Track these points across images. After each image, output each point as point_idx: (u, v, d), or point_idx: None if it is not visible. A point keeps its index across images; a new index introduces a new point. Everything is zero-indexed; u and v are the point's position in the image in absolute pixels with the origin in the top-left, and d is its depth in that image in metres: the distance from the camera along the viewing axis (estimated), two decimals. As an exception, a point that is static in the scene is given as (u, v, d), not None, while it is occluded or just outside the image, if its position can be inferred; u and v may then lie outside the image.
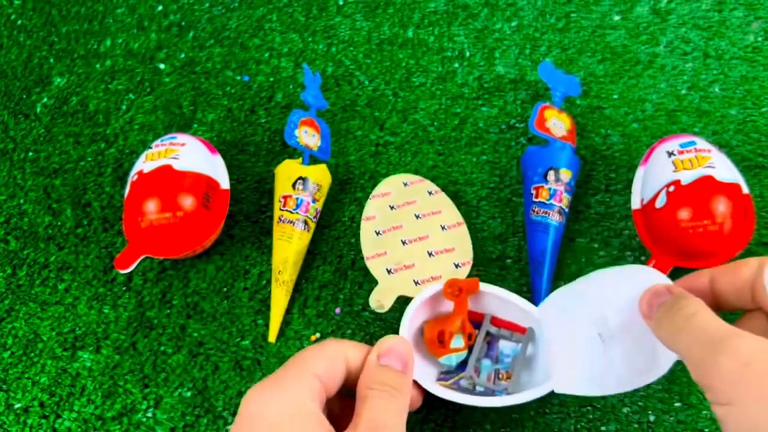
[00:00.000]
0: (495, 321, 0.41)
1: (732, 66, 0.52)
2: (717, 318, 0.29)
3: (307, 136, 0.47)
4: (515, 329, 0.40)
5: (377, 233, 0.44)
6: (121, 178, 0.51)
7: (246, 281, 0.47)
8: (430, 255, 0.43)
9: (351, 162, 0.51)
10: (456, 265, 0.43)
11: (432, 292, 0.40)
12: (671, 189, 0.41)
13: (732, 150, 0.48)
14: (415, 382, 0.37)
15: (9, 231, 0.50)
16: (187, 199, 0.43)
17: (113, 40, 0.58)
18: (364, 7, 0.58)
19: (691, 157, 0.42)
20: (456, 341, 0.39)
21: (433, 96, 0.53)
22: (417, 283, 0.42)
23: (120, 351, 0.45)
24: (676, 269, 0.42)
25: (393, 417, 0.31)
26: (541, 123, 0.46)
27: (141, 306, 0.46)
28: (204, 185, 0.45)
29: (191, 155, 0.46)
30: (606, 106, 0.51)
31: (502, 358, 0.40)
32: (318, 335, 0.45)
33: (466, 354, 0.39)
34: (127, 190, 0.45)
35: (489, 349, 0.41)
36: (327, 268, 0.47)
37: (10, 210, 0.51)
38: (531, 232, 0.45)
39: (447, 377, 0.39)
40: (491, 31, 0.56)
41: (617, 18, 0.55)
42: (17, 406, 0.44)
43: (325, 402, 0.32)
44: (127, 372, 0.44)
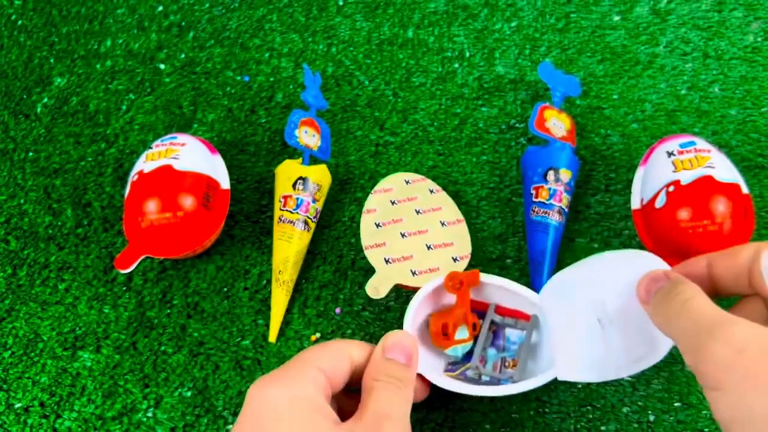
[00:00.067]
0: (499, 309, 0.41)
1: (732, 66, 0.52)
2: (712, 304, 0.29)
3: (307, 136, 0.48)
4: (520, 317, 0.41)
5: (377, 225, 0.45)
6: (122, 178, 0.51)
7: (246, 281, 0.47)
8: (428, 248, 0.43)
9: (351, 162, 0.51)
10: (454, 259, 0.43)
11: (434, 286, 0.41)
12: (671, 189, 0.41)
13: (732, 150, 0.48)
14: (421, 375, 0.37)
15: (9, 231, 0.50)
16: (188, 199, 0.44)
17: (114, 40, 0.58)
18: (364, 8, 0.58)
19: (691, 158, 0.42)
20: (460, 332, 0.39)
21: (433, 96, 0.53)
22: (414, 274, 0.42)
23: (120, 351, 0.45)
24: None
25: (398, 407, 0.31)
26: (541, 123, 0.46)
27: (141, 306, 0.46)
28: (204, 185, 0.45)
29: (191, 155, 0.46)
30: (606, 106, 0.51)
31: (508, 345, 0.41)
32: (318, 335, 0.45)
33: (471, 344, 0.40)
34: (128, 190, 0.45)
35: (495, 338, 0.41)
36: (327, 268, 0.47)
37: (10, 210, 0.51)
38: (531, 232, 0.45)
39: (454, 368, 0.40)
40: (491, 32, 0.56)
41: (617, 18, 0.55)
42: (18, 405, 0.44)
43: (332, 397, 0.32)
44: (128, 372, 0.44)
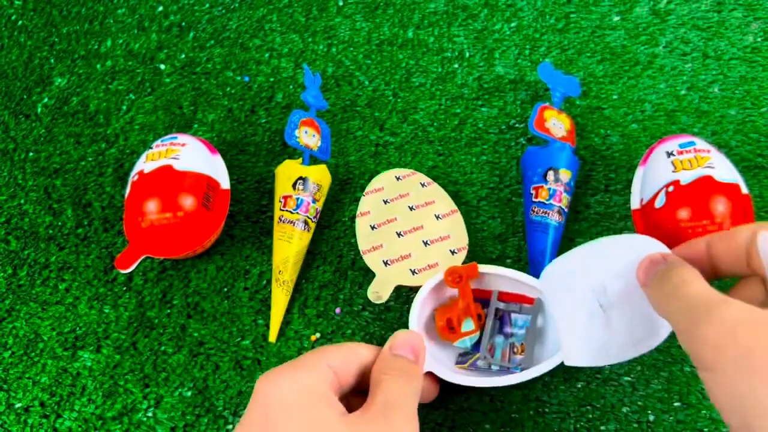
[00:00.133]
0: (502, 296, 0.42)
1: (731, 66, 0.52)
2: (706, 286, 0.29)
3: (307, 136, 0.48)
4: (523, 301, 0.41)
5: (372, 227, 0.45)
6: (122, 178, 0.51)
7: (246, 281, 0.47)
8: (425, 244, 0.44)
9: (351, 162, 0.51)
10: (452, 252, 0.43)
11: (434, 283, 0.41)
12: (670, 189, 0.41)
13: (731, 150, 0.48)
14: (430, 375, 0.38)
15: (10, 231, 0.50)
16: (188, 199, 0.44)
17: (114, 40, 0.58)
18: (364, 8, 0.58)
19: (691, 158, 0.42)
20: (466, 325, 0.39)
21: (433, 96, 0.53)
22: (414, 273, 0.42)
23: (120, 351, 0.45)
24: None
25: (405, 399, 0.32)
26: (541, 123, 0.46)
27: (141, 306, 0.46)
28: (204, 185, 0.45)
29: (192, 155, 0.46)
30: (605, 106, 0.51)
31: (515, 330, 0.41)
32: (318, 335, 0.45)
33: (478, 335, 0.40)
34: (128, 190, 0.45)
35: (501, 325, 0.42)
36: (327, 268, 0.47)
37: (10, 210, 0.51)
38: (531, 232, 0.45)
39: (464, 359, 0.40)
40: (491, 32, 0.56)
41: (617, 18, 0.55)
42: (18, 405, 0.44)
43: (340, 397, 0.32)
44: (128, 372, 0.44)
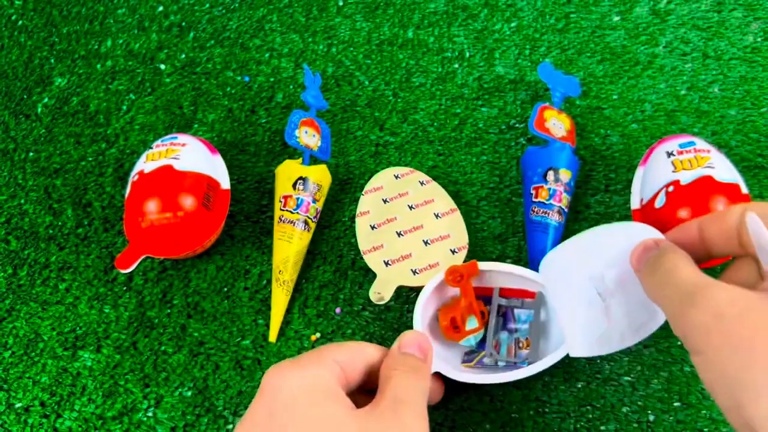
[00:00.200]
0: (503, 292, 0.42)
1: (731, 66, 0.52)
2: (694, 270, 0.29)
3: (308, 136, 0.48)
4: (525, 295, 0.41)
5: (372, 227, 0.45)
6: (122, 178, 0.51)
7: (246, 281, 0.47)
8: (426, 244, 0.44)
9: (351, 162, 0.51)
10: (452, 251, 0.43)
11: (435, 283, 0.41)
12: (670, 189, 0.41)
13: (731, 150, 0.48)
14: (436, 376, 0.38)
15: (10, 231, 0.50)
16: (188, 199, 0.44)
17: (114, 40, 0.58)
18: (364, 8, 0.58)
19: (691, 158, 0.42)
20: (470, 323, 0.40)
21: (433, 96, 0.53)
22: (415, 273, 0.42)
23: (121, 350, 0.45)
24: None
25: (415, 395, 0.31)
26: (541, 123, 0.46)
27: (142, 306, 0.46)
28: (204, 185, 0.45)
29: (192, 155, 0.46)
30: (605, 106, 0.51)
31: (519, 325, 0.41)
32: (318, 335, 0.45)
33: (483, 332, 0.40)
34: (128, 190, 0.45)
35: (505, 321, 0.42)
36: (327, 268, 0.47)
37: (11, 210, 0.51)
38: (531, 232, 0.45)
39: (470, 358, 0.40)
40: (491, 32, 0.56)
41: (617, 18, 0.55)
42: (18, 405, 0.44)
43: (347, 392, 0.32)
44: (128, 371, 0.44)
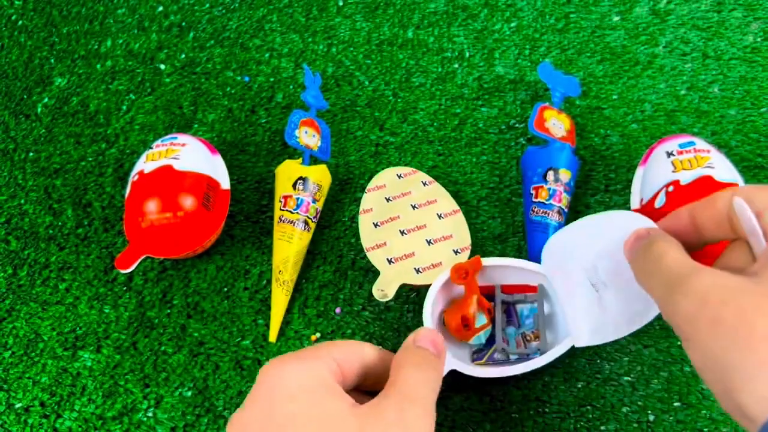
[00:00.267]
0: (505, 288, 0.42)
1: (731, 66, 0.52)
2: (682, 256, 0.29)
3: (308, 136, 0.48)
4: (526, 290, 0.42)
5: (375, 225, 0.45)
6: (122, 178, 0.51)
7: (246, 281, 0.47)
8: (429, 243, 0.44)
9: (351, 162, 0.51)
10: (455, 252, 0.43)
11: (442, 281, 0.41)
12: (670, 189, 0.41)
13: (731, 150, 0.48)
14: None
15: (10, 231, 0.50)
16: (188, 199, 0.44)
17: (114, 40, 0.58)
18: (364, 8, 0.58)
19: (690, 158, 0.42)
20: (479, 320, 0.40)
21: (433, 96, 0.53)
22: (418, 271, 0.42)
23: (121, 351, 0.45)
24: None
25: (424, 391, 0.31)
26: (541, 123, 0.46)
27: (141, 306, 0.46)
28: (204, 185, 0.45)
29: (192, 155, 0.46)
30: (605, 106, 0.51)
31: (522, 320, 0.42)
32: (318, 335, 0.45)
33: (491, 328, 0.41)
34: (128, 190, 0.45)
35: (509, 317, 0.42)
36: (327, 268, 0.47)
37: (11, 210, 0.51)
38: (530, 232, 0.45)
39: (480, 356, 0.40)
40: (491, 32, 0.56)
41: (616, 18, 0.55)
42: (18, 405, 0.44)
43: (344, 390, 0.32)
44: (128, 372, 0.44)
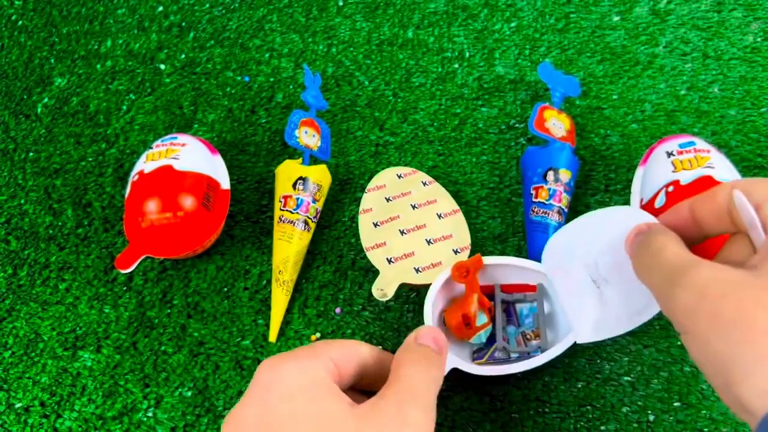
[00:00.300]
0: (504, 288, 0.42)
1: (731, 66, 0.52)
2: (681, 250, 0.29)
3: (307, 136, 0.48)
4: (526, 289, 0.42)
5: (375, 224, 0.45)
6: (122, 178, 0.51)
7: (246, 281, 0.47)
8: (428, 243, 0.44)
9: (351, 162, 0.51)
10: (455, 251, 0.43)
11: (442, 281, 0.41)
12: (670, 189, 0.41)
13: (731, 150, 0.48)
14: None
15: (10, 231, 0.50)
16: (188, 199, 0.44)
17: (114, 40, 0.58)
18: (364, 8, 0.58)
19: (691, 158, 0.42)
20: (480, 319, 0.40)
21: (433, 96, 0.53)
22: (418, 271, 0.43)
23: (121, 351, 0.45)
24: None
25: (425, 388, 0.30)
26: (541, 123, 0.46)
27: (141, 306, 0.46)
28: (204, 185, 0.45)
29: (192, 155, 0.46)
30: (605, 106, 0.51)
31: (522, 320, 0.42)
32: (318, 335, 0.45)
33: (491, 327, 0.41)
34: (128, 190, 0.45)
35: (509, 316, 0.42)
36: (327, 268, 0.47)
37: (11, 210, 0.51)
38: (530, 232, 0.45)
39: (481, 355, 0.40)
40: (491, 32, 0.56)
41: (616, 19, 0.55)
42: (18, 405, 0.44)
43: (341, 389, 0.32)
44: (128, 372, 0.44)
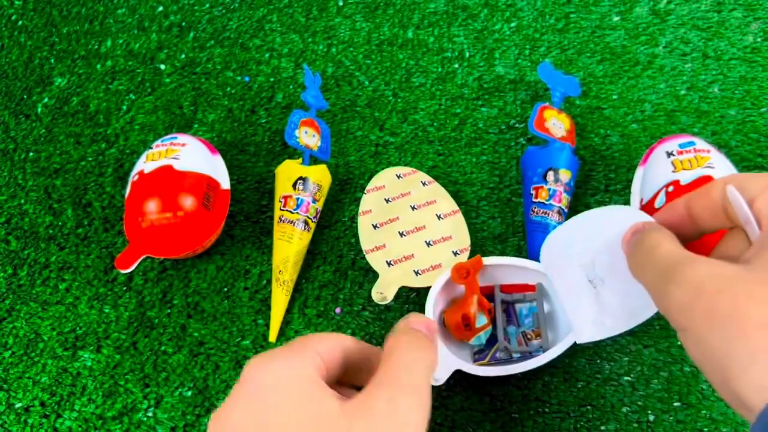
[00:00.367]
0: (504, 288, 0.42)
1: (731, 66, 0.52)
2: (675, 246, 0.29)
3: (307, 136, 0.48)
4: (525, 289, 0.42)
5: (374, 227, 0.45)
6: (122, 178, 0.51)
7: (246, 281, 0.47)
8: (428, 245, 0.44)
9: (351, 162, 0.51)
10: (455, 253, 0.43)
11: (442, 282, 0.41)
12: (670, 189, 0.41)
13: (731, 150, 0.48)
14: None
15: (10, 231, 0.50)
16: (188, 199, 0.44)
17: (114, 40, 0.58)
18: (364, 8, 0.58)
19: (690, 158, 0.42)
20: (480, 320, 0.40)
21: (433, 96, 0.53)
22: (417, 273, 0.42)
23: (121, 350, 0.45)
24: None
25: (418, 375, 0.29)
26: (541, 123, 0.46)
27: (142, 306, 0.46)
28: (204, 185, 0.45)
29: (192, 155, 0.46)
30: (605, 106, 0.51)
31: (522, 320, 0.42)
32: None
33: (491, 328, 0.40)
34: (128, 190, 0.45)
35: (508, 316, 0.42)
36: (327, 268, 0.47)
37: (11, 210, 0.51)
38: (530, 232, 0.45)
39: (482, 356, 0.40)
40: (491, 32, 0.56)
41: (616, 19, 0.55)
42: (18, 405, 0.44)
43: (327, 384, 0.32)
44: (128, 371, 0.44)
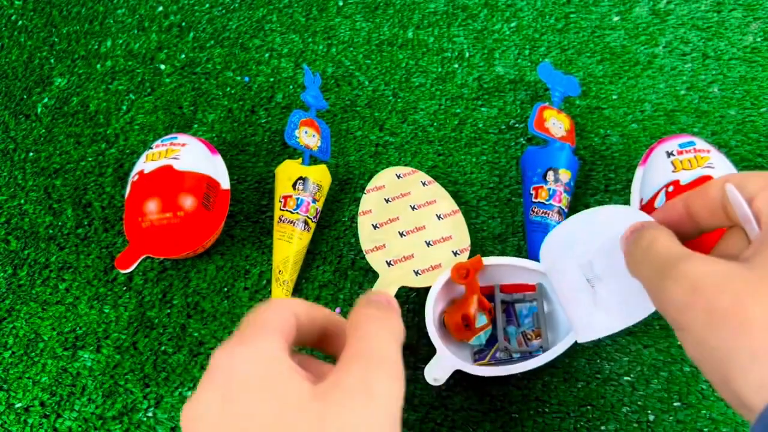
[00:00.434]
0: (504, 288, 0.42)
1: (731, 66, 0.52)
2: (672, 243, 0.29)
3: (307, 136, 0.48)
4: (525, 289, 0.42)
5: (374, 227, 0.45)
6: (122, 178, 0.52)
7: (246, 281, 0.47)
8: (428, 245, 0.44)
9: (351, 162, 0.51)
10: (455, 253, 0.43)
11: (442, 282, 0.41)
12: (670, 189, 0.41)
13: (731, 150, 0.48)
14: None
15: (10, 231, 0.50)
16: (188, 200, 0.44)
17: (114, 40, 0.58)
18: (363, 8, 0.58)
19: (690, 158, 0.42)
20: (480, 320, 0.40)
21: (433, 96, 0.53)
22: (417, 273, 0.42)
23: (121, 350, 0.45)
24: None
25: (388, 347, 0.29)
26: (541, 123, 0.46)
27: (141, 306, 0.46)
28: (204, 185, 0.45)
29: (192, 155, 0.46)
30: (605, 106, 0.51)
31: (522, 320, 0.42)
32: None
33: (491, 329, 0.40)
34: (128, 190, 0.45)
35: (508, 316, 0.42)
36: (327, 268, 0.47)
37: (11, 210, 0.51)
38: (530, 232, 0.45)
39: (482, 356, 0.40)
40: (491, 32, 0.56)
41: (616, 19, 0.55)
42: (18, 405, 0.44)
43: (301, 345, 0.31)
44: (128, 371, 0.44)
